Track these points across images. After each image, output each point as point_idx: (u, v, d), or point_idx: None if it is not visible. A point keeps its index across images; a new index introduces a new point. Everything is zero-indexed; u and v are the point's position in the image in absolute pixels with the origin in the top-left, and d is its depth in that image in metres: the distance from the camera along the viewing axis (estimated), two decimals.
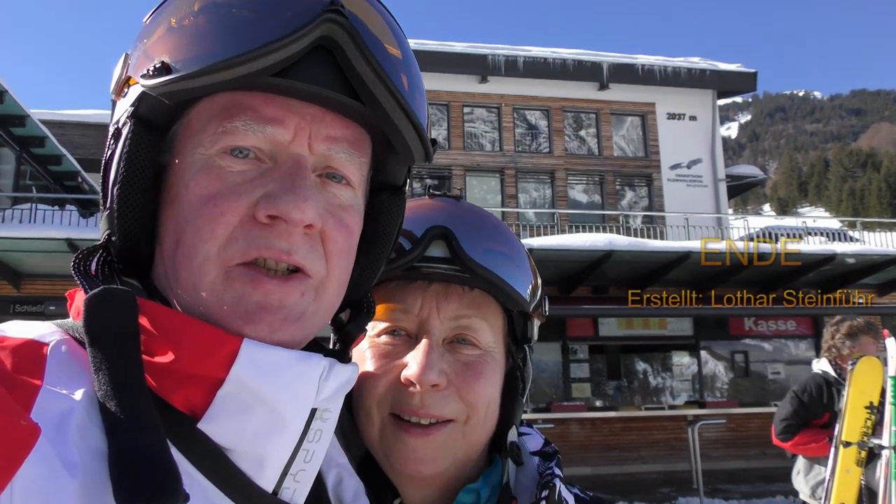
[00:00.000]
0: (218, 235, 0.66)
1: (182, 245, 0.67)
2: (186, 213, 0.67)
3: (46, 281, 15.28)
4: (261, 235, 0.67)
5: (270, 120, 0.68)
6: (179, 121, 0.71)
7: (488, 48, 22.63)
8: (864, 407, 4.64)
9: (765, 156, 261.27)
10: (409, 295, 0.96)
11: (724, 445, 16.81)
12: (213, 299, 0.66)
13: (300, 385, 0.66)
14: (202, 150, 0.69)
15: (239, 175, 0.68)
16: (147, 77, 0.65)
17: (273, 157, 0.70)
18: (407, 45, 0.76)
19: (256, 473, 0.65)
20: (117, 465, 0.55)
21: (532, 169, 22.66)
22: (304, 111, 0.70)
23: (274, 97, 0.69)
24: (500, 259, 0.96)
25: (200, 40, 0.65)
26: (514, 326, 1.05)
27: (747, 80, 24.68)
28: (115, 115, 0.73)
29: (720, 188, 23.23)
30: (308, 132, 0.70)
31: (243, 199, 0.67)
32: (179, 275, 0.68)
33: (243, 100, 0.68)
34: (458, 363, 0.94)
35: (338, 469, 0.84)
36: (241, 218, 0.67)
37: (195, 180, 0.68)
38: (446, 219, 0.97)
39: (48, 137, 18.64)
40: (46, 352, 0.61)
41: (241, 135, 0.68)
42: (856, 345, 5.14)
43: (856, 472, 4.57)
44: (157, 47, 0.68)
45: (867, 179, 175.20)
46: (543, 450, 1.05)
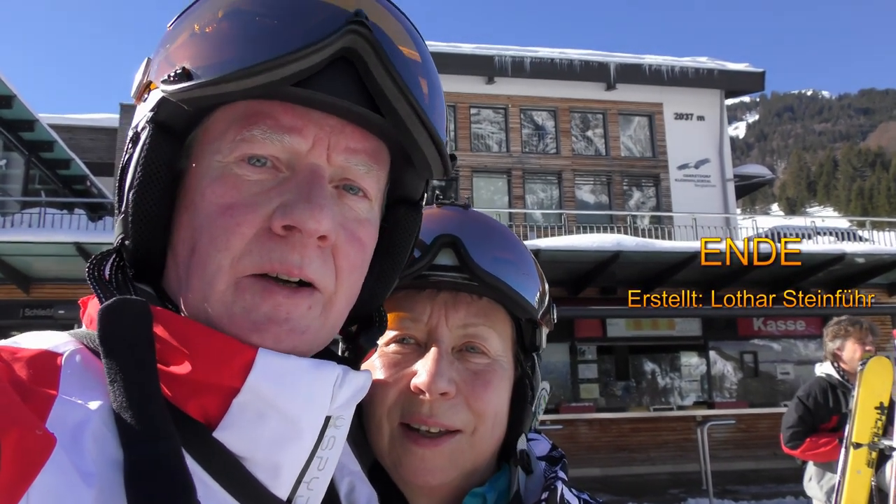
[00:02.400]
0: (233, 247, 0.66)
1: (196, 253, 0.67)
2: (202, 221, 0.67)
3: (55, 285, 15.35)
4: (275, 248, 0.66)
5: (289, 129, 0.68)
6: (198, 127, 0.71)
7: (495, 49, 22.62)
8: (874, 408, 4.61)
9: (773, 155, 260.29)
10: (418, 303, 0.96)
11: (733, 446, 16.75)
12: (222, 309, 0.66)
13: (315, 393, 0.66)
14: (219, 158, 0.68)
15: (256, 184, 0.68)
16: (168, 82, 0.66)
17: (290, 166, 0.69)
18: (427, 53, 0.76)
19: (271, 482, 0.65)
20: (132, 476, 0.55)
21: (539, 170, 22.64)
22: (324, 122, 0.70)
23: (293, 106, 0.69)
24: (508, 267, 0.97)
25: (222, 47, 0.65)
26: (522, 335, 1.05)
27: (755, 80, 24.59)
28: (135, 120, 0.73)
29: (728, 188, 23.15)
30: (327, 143, 0.70)
31: (260, 210, 0.67)
32: (191, 282, 0.68)
33: (262, 108, 0.68)
34: (467, 372, 0.95)
35: (350, 477, 0.84)
36: (256, 230, 0.67)
37: (212, 188, 0.68)
38: (455, 227, 0.97)
39: (57, 142, 18.72)
40: (61, 362, 0.61)
41: (259, 143, 0.68)
42: (843, 347, 5.13)
43: (866, 473, 4.54)
44: (179, 53, 0.67)
45: (876, 179, 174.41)
46: (550, 454, 1.06)
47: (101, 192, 21.70)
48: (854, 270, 16.20)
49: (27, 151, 18.35)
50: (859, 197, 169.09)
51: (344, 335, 0.87)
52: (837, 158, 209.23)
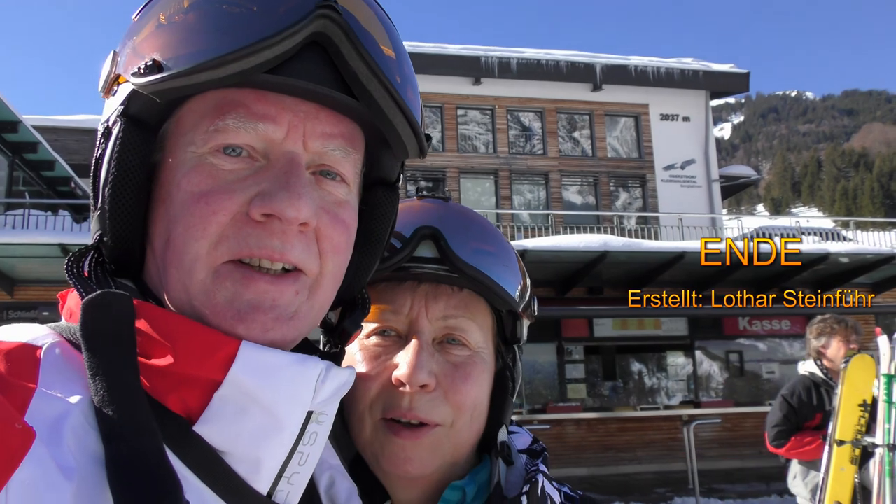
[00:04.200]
0: (209, 234, 0.66)
1: (172, 243, 0.67)
2: (177, 211, 0.67)
3: (40, 287, 15.24)
4: (253, 234, 0.66)
5: (262, 117, 0.68)
6: (170, 119, 0.71)
7: (482, 50, 22.64)
8: (857, 405, 4.65)
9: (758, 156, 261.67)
10: (398, 295, 0.97)
11: (719, 445, 16.84)
12: (204, 298, 0.66)
13: (297, 388, 0.66)
14: (194, 149, 0.68)
15: (231, 173, 0.67)
16: (138, 75, 0.65)
17: (266, 154, 0.69)
18: (400, 42, 0.76)
19: (251, 476, 0.65)
20: (117, 472, 0.55)
21: (526, 170, 22.67)
22: (298, 108, 0.70)
23: (266, 94, 0.68)
24: (488, 259, 0.97)
25: (192, 37, 0.64)
26: (503, 326, 1.05)
27: (740, 81, 24.74)
28: (105, 114, 0.72)
29: (714, 189, 23.28)
30: (302, 129, 0.70)
31: (236, 197, 0.67)
32: (170, 274, 0.67)
33: (234, 96, 0.68)
34: (448, 364, 0.95)
35: (330, 471, 0.84)
36: (232, 216, 0.66)
37: (187, 178, 0.67)
38: (435, 220, 0.98)
39: (41, 143, 18.57)
40: (40, 355, 0.61)
41: (234, 132, 0.67)
42: (828, 345, 5.16)
43: (850, 470, 4.58)
44: (147, 45, 0.67)
45: (860, 179, 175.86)
46: (531, 448, 1.06)
47: (86, 193, 21.50)
48: (838, 270, 16.33)
49: (11, 153, 18.21)
50: (843, 197, 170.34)
51: (324, 326, 0.87)
52: (822, 159, 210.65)
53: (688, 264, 15.20)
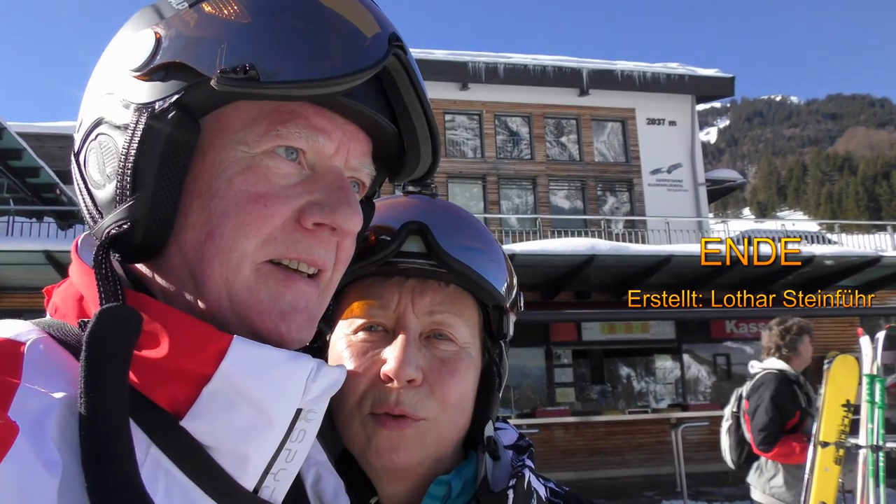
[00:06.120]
0: (261, 234, 0.68)
1: (218, 238, 0.67)
2: (227, 208, 0.68)
3: (24, 294, 15.09)
4: (302, 240, 0.70)
5: (320, 130, 0.71)
6: (211, 112, 0.70)
7: (469, 55, 22.69)
8: (840, 405, 4.69)
9: (744, 160, 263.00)
10: (385, 290, 0.97)
11: (707, 448, 16.83)
12: (247, 295, 0.68)
13: (287, 385, 0.67)
14: (246, 149, 0.69)
15: (284, 178, 0.70)
16: (232, 76, 0.63)
17: (311, 165, 0.72)
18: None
19: (238, 472, 0.65)
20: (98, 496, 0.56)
21: (514, 175, 22.71)
22: (346, 127, 0.74)
23: (322, 109, 0.71)
24: (475, 254, 0.98)
25: (287, 51, 0.65)
26: (490, 322, 1.06)
27: (725, 85, 24.89)
28: (142, 97, 0.68)
29: (700, 192, 23.39)
30: (347, 147, 0.74)
31: (291, 202, 0.70)
32: (211, 268, 0.67)
33: (293, 107, 0.70)
34: (434, 359, 0.96)
35: (317, 467, 0.84)
36: (284, 221, 0.69)
37: (241, 176, 0.68)
38: (422, 214, 0.98)
39: (25, 150, 18.42)
40: (24, 350, 0.61)
41: (294, 140, 0.70)
42: (802, 343, 5.15)
43: (834, 471, 4.61)
44: (235, 44, 0.65)
45: (844, 183, 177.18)
46: (517, 443, 1.07)
47: (71, 200, 21.38)
48: (824, 272, 16.44)
49: None
50: (828, 201, 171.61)
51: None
52: (806, 163, 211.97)
53: (674, 267, 15.27)
